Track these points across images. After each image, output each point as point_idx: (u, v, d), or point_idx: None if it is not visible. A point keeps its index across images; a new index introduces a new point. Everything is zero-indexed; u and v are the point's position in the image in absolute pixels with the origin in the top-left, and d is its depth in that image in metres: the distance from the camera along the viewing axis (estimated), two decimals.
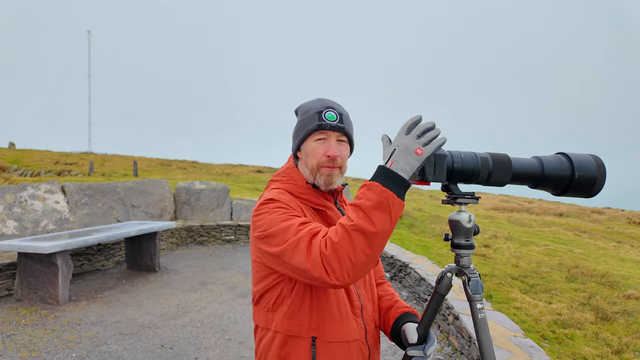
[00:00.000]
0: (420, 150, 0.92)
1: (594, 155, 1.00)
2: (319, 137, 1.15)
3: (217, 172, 22.51)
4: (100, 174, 17.20)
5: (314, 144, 1.15)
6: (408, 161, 0.93)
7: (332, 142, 1.15)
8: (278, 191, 1.16)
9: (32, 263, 4.46)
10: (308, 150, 1.16)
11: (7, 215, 5.70)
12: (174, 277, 5.69)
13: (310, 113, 1.17)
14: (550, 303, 4.46)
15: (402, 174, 0.92)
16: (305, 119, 1.17)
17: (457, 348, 3.35)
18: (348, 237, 0.91)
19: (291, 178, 1.20)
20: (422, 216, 11.26)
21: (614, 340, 3.46)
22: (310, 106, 1.19)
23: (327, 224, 1.18)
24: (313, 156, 1.15)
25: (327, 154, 1.13)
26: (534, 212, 16.43)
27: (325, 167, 1.15)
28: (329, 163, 1.14)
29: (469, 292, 1.01)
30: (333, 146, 1.14)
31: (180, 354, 3.40)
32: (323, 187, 1.16)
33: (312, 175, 1.16)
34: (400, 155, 0.93)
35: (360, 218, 0.90)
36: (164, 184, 8.44)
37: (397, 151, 0.94)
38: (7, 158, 19.40)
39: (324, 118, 1.15)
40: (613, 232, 12.71)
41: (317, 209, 1.19)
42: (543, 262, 6.61)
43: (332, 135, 1.15)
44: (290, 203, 1.11)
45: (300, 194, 1.17)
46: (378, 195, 0.91)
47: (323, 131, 1.14)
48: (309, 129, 1.15)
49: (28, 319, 4.03)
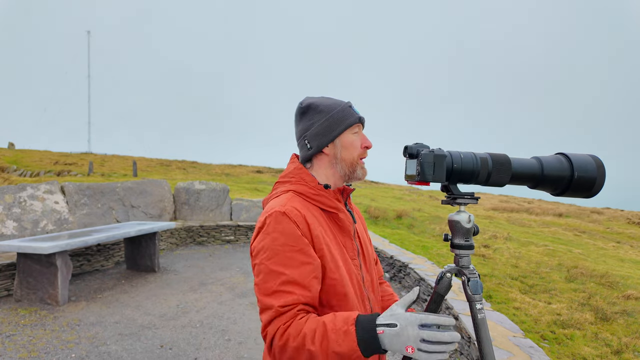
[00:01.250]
0: (411, 350, 0.84)
1: (593, 156, 1.00)
2: (356, 130, 1.17)
3: (216, 172, 22.51)
4: (99, 174, 17.19)
5: (353, 136, 1.16)
6: (392, 345, 0.87)
7: (364, 134, 1.20)
8: (288, 196, 1.11)
9: (31, 263, 4.45)
10: (346, 144, 1.16)
11: (7, 215, 5.69)
12: (174, 278, 5.69)
13: (341, 107, 1.17)
14: (549, 303, 4.46)
15: (381, 345, 0.88)
16: (337, 114, 1.16)
17: (456, 348, 3.35)
18: (300, 354, 0.92)
19: (301, 179, 1.16)
20: (422, 216, 11.26)
21: (613, 341, 3.47)
22: (333, 101, 1.19)
23: (338, 227, 1.16)
24: (353, 149, 1.16)
25: (365, 144, 1.17)
26: (534, 213, 16.44)
27: (362, 159, 1.18)
28: (365, 154, 1.18)
29: (469, 293, 1.01)
30: (367, 137, 1.19)
31: (180, 355, 3.39)
32: (361, 178, 1.19)
33: (351, 169, 1.17)
34: (392, 337, 0.86)
35: (322, 351, 0.90)
36: (164, 184, 8.44)
37: (394, 331, 0.87)
38: (7, 158, 19.39)
39: (356, 112, 1.18)
40: (612, 232, 12.72)
41: (328, 211, 1.15)
42: (542, 263, 6.61)
43: (361, 127, 1.20)
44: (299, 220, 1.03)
45: (312, 195, 1.14)
46: (348, 349, 0.88)
47: (359, 124, 1.18)
48: (350, 122, 1.15)
49: (27, 320, 4.03)
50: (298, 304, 0.98)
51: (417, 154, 0.98)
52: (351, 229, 1.18)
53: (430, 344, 0.84)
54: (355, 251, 1.17)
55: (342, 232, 1.16)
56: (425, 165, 0.96)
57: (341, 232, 1.16)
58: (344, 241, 1.16)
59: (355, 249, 1.18)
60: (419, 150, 0.99)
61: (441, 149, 0.98)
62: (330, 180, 1.18)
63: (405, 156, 1.03)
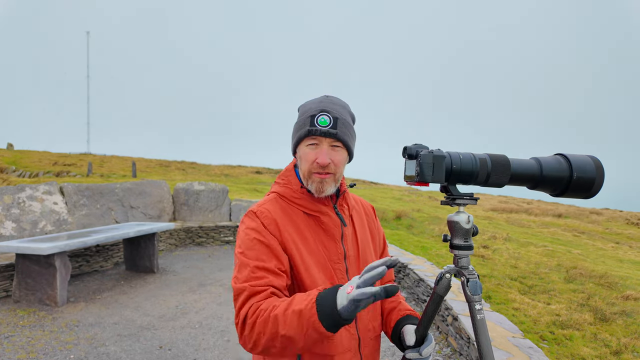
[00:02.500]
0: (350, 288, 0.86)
1: (592, 156, 1.00)
2: (311, 142, 1.10)
3: (216, 173, 22.51)
4: (98, 174, 17.18)
5: (306, 149, 1.11)
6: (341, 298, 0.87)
7: (323, 148, 1.10)
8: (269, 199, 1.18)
9: (30, 264, 4.44)
10: (301, 155, 1.13)
11: (5, 216, 5.68)
12: (173, 278, 5.68)
13: (304, 117, 1.12)
14: (549, 304, 4.47)
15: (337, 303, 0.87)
16: (299, 122, 1.14)
17: (456, 349, 3.35)
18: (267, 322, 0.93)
19: (288, 182, 1.19)
20: (421, 217, 11.27)
21: (612, 341, 3.47)
22: (308, 107, 1.14)
23: (322, 230, 1.15)
24: (305, 161, 1.12)
25: (316, 160, 1.09)
26: (533, 213, 16.46)
27: (315, 173, 1.10)
28: (319, 170, 1.10)
29: (468, 293, 1.00)
30: (324, 153, 1.09)
31: (179, 355, 3.39)
32: (315, 194, 1.13)
33: (305, 181, 1.13)
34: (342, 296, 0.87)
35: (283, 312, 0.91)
36: (163, 185, 8.43)
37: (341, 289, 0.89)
38: (6, 159, 19.36)
39: (315, 123, 1.09)
40: (611, 233, 12.73)
41: (310, 214, 1.15)
42: (542, 263, 6.62)
43: (323, 141, 1.10)
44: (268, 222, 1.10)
45: (295, 198, 1.16)
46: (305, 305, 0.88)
47: (314, 137, 1.10)
48: (301, 134, 1.12)
49: (26, 321, 4.02)
50: (270, 286, 1.02)
51: (416, 154, 0.98)
52: (336, 232, 1.16)
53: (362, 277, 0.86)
54: (340, 255, 1.15)
55: (326, 235, 1.15)
56: (424, 166, 0.96)
57: (325, 235, 1.15)
58: (327, 244, 1.15)
59: (341, 253, 1.15)
60: (418, 151, 0.99)
61: (440, 149, 0.98)
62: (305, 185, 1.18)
63: (405, 157, 1.03)
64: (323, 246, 1.14)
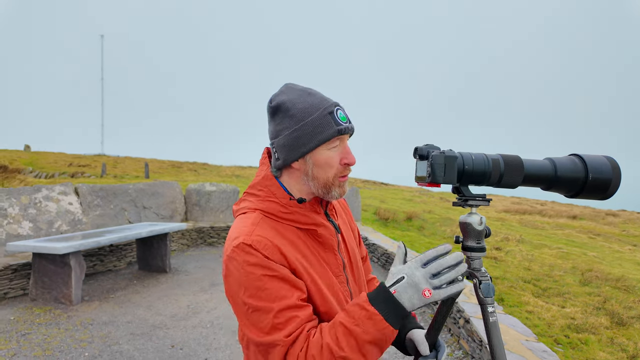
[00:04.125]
0: (429, 292, 0.82)
1: (608, 157, 0.98)
2: (336, 144, 0.96)
3: (227, 173, 22.67)
4: (112, 175, 17.45)
5: (330, 152, 0.95)
6: (411, 300, 0.83)
7: (347, 147, 0.98)
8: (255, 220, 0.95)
9: (46, 263, 4.53)
10: (321, 161, 0.95)
11: (23, 216, 5.81)
12: (185, 278, 5.73)
13: (318, 114, 0.94)
14: (563, 307, 4.39)
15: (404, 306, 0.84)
16: (310, 123, 0.94)
17: (467, 352, 3.32)
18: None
19: (271, 193, 0.99)
20: (433, 218, 11.18)
21: (629, 346, 3.39)
22: (310, 103, 0.95)
23: (319, 244, 1.02)
24: (329, 167, 0.96)
25: (345, 161, 0.97)
26: (547, 215, 16.19)
27: (341, 177, 0.98)
28: (346, 172, 0.98)
29: (480, 296, 0.99)
30: (350, 151, 0.98)
31: (191, 355, 3.42)
32: (337, 198, 1.00)
33: (325, 189, 0.97)
34: (406, 288, 0.83)
35: (353, 351, 0.82)
36: (175, 186, 8.52)
37: (405, 282, 0.84)
38: (23, 160, 19.80)
39: (339, 120, 0.95)
40: (629, 235, 12.45)
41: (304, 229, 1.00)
42: (556, 265, 6.50)
43: (345, 139, 0.98)
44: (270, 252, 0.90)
45: (285, 214, 0.97)
46: (378, 331, 0.82)
47: (340, 137, 0.96)
48: (325, 136, 0.93)
49: (42, 319, 4.10)
50: (303, 325, 0.88)
51: (428, 155, 0.98)
52: (334, 243, 1.04)
53: (440, 275, 0.83)
54: (340, 266, 1.05)
55: (324, 249, 1.03)
56: (435, 167, 0.95)
57: (323, 248, 1.02)
58: (326, 258, 1.02)
59: (340, 264, 1.05)
60: (430, 151, 0.98)
61: (452, 150, 0.97)
62: (304, 194, 1.01)
63: (416, 157, 1.02)
64: (324, 261, 1.02)
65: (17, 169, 16.44)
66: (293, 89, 0.99)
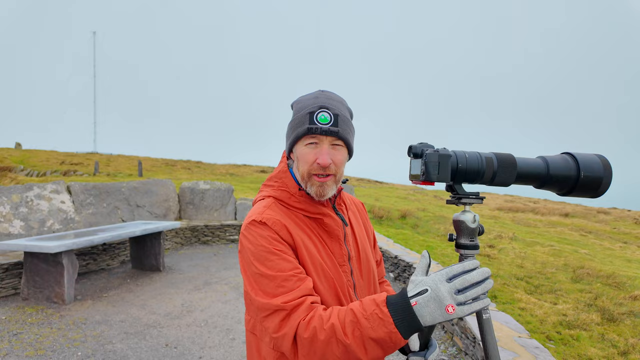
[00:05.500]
0: (452, 308, 0.81)
1: (599, 155, 0.99)
2: (310, 141, 1.03)
3: (221, 172, 22.60)
4: (105, 174, 17.32)
5: (305, 149, 1.04)
6: (433, 314, 0.81)
7: (324, 148, 1.03)
8: (267, 204, 1.08)
9: (38, 262, 4.49)
10: (299, 155, 1.06)
11: (14, 215, 5.75)
12: (179, 277, 5.71)
13: (302, 113, 1.04)
14: (555, 304, 4.43)
15: (420, 320, 0.82)
16: (296, 120, 1.06)
17: (461, 349, 3.34)
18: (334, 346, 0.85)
19: (283, 184, 1.10)
20: (426, 216, 11.23)
21: (620, 342, 3.44)
22: (305, 103, 1.06)
23: (325, 232, 1.10)
24: (303, 162, 1.04)
25: (317, 161, 1.02)
26: (539, 212, 16.34)
27: (315, 175, 1.04)
28: (320, 171, 1.03)
29: None
30: (325, 152, 1.02)
31: (185, 353, 3.41)
32: (315, 197, 1.06)
33: (304, 183, 1.07)
34: (428, 302, 0.82)
35: (356, 341, 0.84)
36: (169, 184, 8.48)
37: (428, 295, 0.82)
38: (14, 158, 19.57)
39: (315, 121, 1.02)
40: (619, 233, 12.61)
41: (312, 217, 1.09)
42: (548, 263, 6.57)
43: (324, 139, 1.03)
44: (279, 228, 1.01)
45: (294, 202, 1.08)
46: (385, 334, 0.83)
47: (314, 135, 1.02)
48: (299, 133, 1.04)
49: (34, 318, 4.06)
50: (305, 296, 0.94)
51: (422, 153, 0.98)
52: (339, 233, 1.11)
53: (466, 291, 0.82)
54: (344, 257, 1.11)
55: (329, 238, 1.10)
56: (429, 165, 0.95)
57: (329, 237, 1.10)
58: (332, 247, 1.10)
59: (345, 254, 1.11)
60: (424, 149, 0.98)
61: (446, 148, 0.98)
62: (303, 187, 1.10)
63: (410, 156, 1.03)
64: (329, 249, 1.09)
65: (8, 167, 16.25)
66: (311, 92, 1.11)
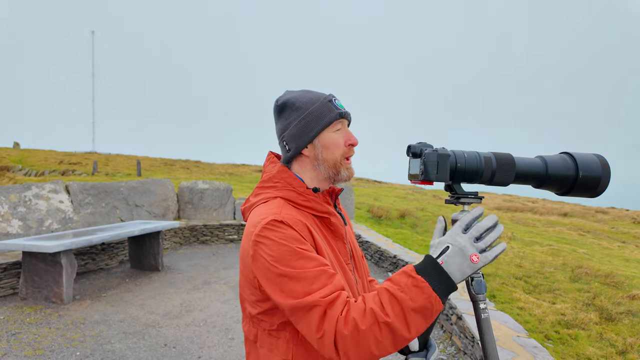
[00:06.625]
0: (476, 257, 0.82)
1: (598, 155, 0.99)
2: (338, 127, 1.07)
3: (220, 171, 22.57)
4: (104, 173, 17.29)
5: (335, 134, 1.06)
6: (460, 268, 0.83)
7: (348, 129, 1.10)
8: (279, 203, 1.02)
9: (36, 262, 4.48)
10: (328, 143, 1.06)
11: (12, 214, 5.73)
12: (177, 277, 5.71)
13: (320, 103, 1.06)
14: (554, 303, 4.44)
15: (452, 277, 0.83)
16: (315, 111, 1.06)
17: (460, 348, 3.35)
18: (377, 330, 0.81)
19: (288, 184, 1.06)
20: (425, 216, 11.24)
21: (618, 341, 3.45)
22: (312, 97, 1.08)
23: (331, 232, 1.09)
24: (336, 147, 1.06)
25: (349, 142, 1.07)
26: (538, 212, 16.37)
27: (346, 159, 1.08)
28: (351, 152, 1.08)
29: (472, 292, 1.00)
30: (351, 133, 1.10)
31: (184, 353, 3.41)
32: (346, 179, 1.09)
33: (335, 170, 1.06)
34: (453, 257, 0.83)
35: (398, 317, 0.81)
36: (167, 184, 8.47)
37: (451, 251, 0.84)
38: (12, 158, 19.52)
39: (338, 107, 1.07)
40: (617, 232, 12.64)
41: (319, 216, 1.08)
42: (547, 262, 6.58)
43: (345, 123, 1.10)
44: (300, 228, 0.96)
45: (302, 201, 1.04)
46: (425, 300, 0.81)
47: (341, 120, 1.07)
48: (329, 119, 1.05)
49: (32, 318, 4.05)
50: (341, 289, 0.89)
51: (421, 153, 0.98)
52: (343, 232, 1.13)
53: (483, 237, 0.85)
54: (347, 255, 1.13)
55: (335, 237, 1.10)
56: (428, 165, 0.95)
57: (334, 236, 1.10)
58: (337, 246, 1.10)
59: (348, 253, 1.13)
60: (423, 149, 0.98)
61: (445, 148, 0.98)
62: (315, 182, 1.09)
63: (409, 155, 1.03)
64: (337, 248, 1.09)
65: (6, 167, 16.21)
66: (293, 90, 1.12)
